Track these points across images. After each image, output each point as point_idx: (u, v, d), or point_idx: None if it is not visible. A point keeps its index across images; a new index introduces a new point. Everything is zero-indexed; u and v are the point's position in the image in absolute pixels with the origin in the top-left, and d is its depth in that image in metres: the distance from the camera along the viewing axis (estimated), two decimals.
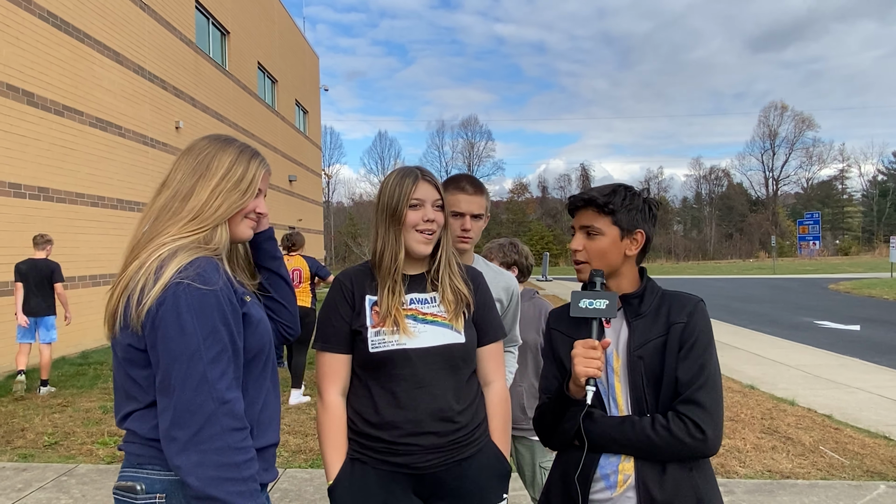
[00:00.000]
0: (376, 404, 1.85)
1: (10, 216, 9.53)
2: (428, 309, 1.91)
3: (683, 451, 1.60)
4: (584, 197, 1.75)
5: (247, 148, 1.71)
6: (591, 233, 1.73)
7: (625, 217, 1.72)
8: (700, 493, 1.64)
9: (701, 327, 1.67)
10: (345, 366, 1.91)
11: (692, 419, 1.59)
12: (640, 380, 1.67)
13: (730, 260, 67.89)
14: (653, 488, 1.62)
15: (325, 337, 1.92)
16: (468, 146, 78.32)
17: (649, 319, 1.70)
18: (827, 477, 4.64)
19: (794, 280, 32.40)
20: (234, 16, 19.84)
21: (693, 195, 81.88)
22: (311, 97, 31.53)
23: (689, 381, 1.62)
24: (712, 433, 1.59)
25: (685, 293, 1.75)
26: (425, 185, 1.90)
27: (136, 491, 1.49)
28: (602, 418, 1.69)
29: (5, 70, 9.45)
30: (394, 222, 1.89)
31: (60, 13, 10.80)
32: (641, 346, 1.68)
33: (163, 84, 14.66)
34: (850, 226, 75.94)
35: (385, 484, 1.84)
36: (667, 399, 1.65)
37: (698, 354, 1.64)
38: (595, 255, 1.73)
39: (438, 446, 1.83)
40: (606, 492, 1.68)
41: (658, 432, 1.60)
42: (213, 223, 1.58)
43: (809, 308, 18.03)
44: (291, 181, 26.08)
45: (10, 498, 4.32)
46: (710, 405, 1.60)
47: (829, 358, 9.81)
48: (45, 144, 10.35)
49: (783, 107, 75.98)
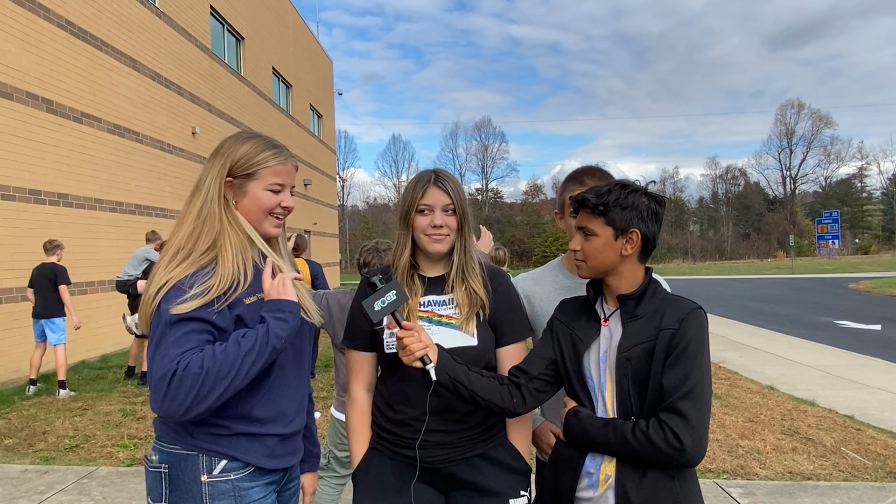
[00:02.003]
0: (390, 400, 1.92)
1: (31, 222, 9.67)
2: (443, 311, 1.93)
3: (660, 459, 1.59)
4: (577, 198, 1.74)
5: (265, 140, 1.74)
6: (586, 234, 1.73)
7: (618, 217, 1.68)
8: (679, 501, 1.63)
9: (691, 335, 1.63)
10: (369, 363, 1.99)
11: (671, 428, 1.57)
12: (625, 381, 1.67)
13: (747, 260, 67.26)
14: (630, 490, 1.62)
15: (352, 336, 2.01)
16: (482, 148, 78.37)
17: (643, 322, 1.69)
18: (849, 478, 4.58)
19: (813, 280, 32.02)
20: (248, 22, 20.00)
21: (709, 195, 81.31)
22: (325, 101, 31.70)
23: (672, 388, 1.60)
24: (690, 444, 1.56)
25: (685, 299, 1.72)
26: (435, 190, 1.91)
27: (152, 460, 1.68)
28: (588, 418, 1.70)
29: (25, 78, 9.60)
30: (405, 225, 1.94)
31: (78, 21, 10.95)
32: (630, 349, 1.67)
33: (179, 90, 14.80)
34: (870, 224, 74.95)
35: (400, 473, 1.90)
36: (652, 404, 1.64)
37: (685, 363, 1.61)
38: (590, 255, 1.73)
39: (447, 443, 1.87)
40: (589, 490, 1.71)
41: (637, 437, 1.60)
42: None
43: (829, 308, 17.81)
44: (306, 185, 26.22)
45: (33, 500, 4.37)
46: (692, 415, 1.57)
47: (849, 358, 9.68)
48: (65, 151, 10.49)
49: (800, 105, 75.32)
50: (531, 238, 69.36)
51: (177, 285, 1.56)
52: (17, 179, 9.41)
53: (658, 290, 1.75)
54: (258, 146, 1.71)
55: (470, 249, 1.98)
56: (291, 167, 1.76)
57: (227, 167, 1.70)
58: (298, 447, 1.84)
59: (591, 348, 1.76)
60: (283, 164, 1.73)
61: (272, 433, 1.69)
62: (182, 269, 1.59)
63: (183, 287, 1.56)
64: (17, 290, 9.29)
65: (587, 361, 1.76)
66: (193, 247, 1.64)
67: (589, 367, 1.76)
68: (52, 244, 8.04)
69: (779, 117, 77.44)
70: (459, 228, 1.94)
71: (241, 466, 1.64)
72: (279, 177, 1.72)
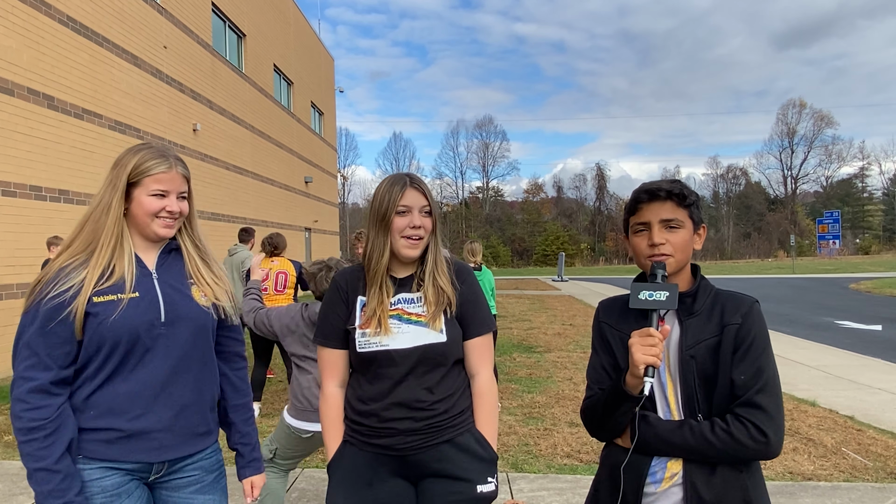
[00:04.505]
0: (362, 395, 2.00)
1: (32, 218, 9.67)
2: (413, 309, 2.01)
3: (744, 455, 1.58)
4: (665, 189, 1.69)
5: (152, 150, 1.89)
6: (672, 226, 1.68)
7: (695, 211, 1.71)
8: (748, 494, 1.61)
9: (756, 329, 1.63)
10: (342, 360, 2.06)
11: (753, 422, 1.57)
12: (692, 379, 1.64)
13: (748, 259, 67.20)
14: (701, 487, 1.60)
15: (324, 333, 2.06)
16: (483, 146, 78.33)
17: (702, 319, 1.67)
18: (849, 479, 4.57)
19: (813, 279, 32.00)
20: (250, 19, 19.99)
21: (710, 194, 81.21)
22: (326, 99, 31.68)
23: (746, 383, 1.59)
24: (774, 436, 1.57)
25: (740, 293, 1.72)
26: (413, 192, 1.99)
27: None
28: (658, 422, 1.66)
29: (26, 74, 9.59)
30: (383, 227, 1.99)
31: (79, 17, 10.94)
32: (694, 346, 1.65)
33: (180, 87, 14.80)
34: (871, 224, 74.86)
35: (371, 464, 1.98)
36: (720, 401, 1.62)
37: (755, 356, 1.61)
38: (679, 248, 1.68)
39: (415, 429, 1.95)
40: (651, 486, 1.67)
41: (718, 436, 1.58)
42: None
43: (830, 308, 17.79)
44: (307, 182, 26.22)
45: (32, 497, 4.37)
46: (771, 408, 1.58)
47: (850, 358, 9.67)
48: (66, 147, 10.49)
49: (801, 104, 75.23)
50: (532, 237, 69.35)
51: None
52: (17, 176, 9.41)
53: (709, 285, 1.75)
54: (144, 157, 1.86)
55: (439, 249, 2.07)
56: (176, 174, 1.89)
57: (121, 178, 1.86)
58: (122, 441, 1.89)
59: None
60: (165, 172, 1.86)
61: (105, 427, 1.81)
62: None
63: None
64: (17, 287, 9.29)
65: None
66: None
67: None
68: (57, 240, 8.03)
69: (780, 117, 77.55)
70: (433, 230, 2.03)
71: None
72: (161, 184, 1.85)
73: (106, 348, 1.77)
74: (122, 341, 1.78)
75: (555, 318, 15.20)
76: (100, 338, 1.76)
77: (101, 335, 1.76)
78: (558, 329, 12.91)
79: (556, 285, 29.65)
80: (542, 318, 15.16)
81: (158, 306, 1.85)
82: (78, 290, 1.75)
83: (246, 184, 19.00)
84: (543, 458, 5.04)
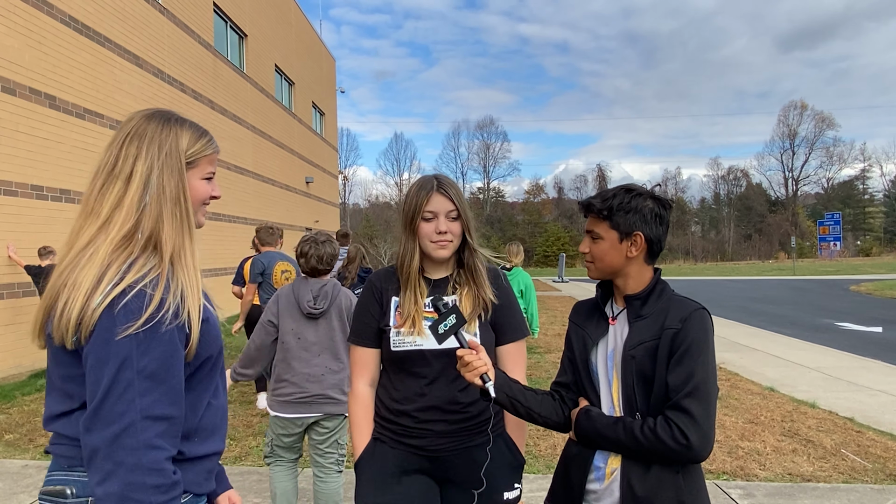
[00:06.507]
0: (395, 394, 2.01)
1: (33, 218, 9.68)
2: None
3: (668, 455, 1.64)
4: (584, 203, 1.83)
5: (194, 124, 1.55)
6: (593, 237, 1.80)
7: (622, 220, 1.75)
8: (682, 495, 1.67)
9: (694, 335, 1.67)
10: (373, 359, 2.07)
11: (678, 425, 1.62)
12: (630, 378, 1.72)
13: (749, 261, 67.17)
14: (635, 483, 1.68)
15: (357, 332, 2.08)
16: (484, 147, 78.36)
17: (649, 322, 1.74)
18: (849, 480, 4.57)
19: (814, 281, 31.98)
20: (251, 19, 20.00)
21: (711, 196, 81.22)
22: (327, 99, 31.70)
23: (677, 387, 1.65)
24: (697, 441, 1.61)
25: (688, 300, 1.77)
26: (439, 197, 1.98)
27: (66, 495, 1.33)
28: (598, 417, 1.76)
29: (28, 74, 9.61)
30: (411, 232, 2.01)
31: (81, 17, 10.96)
32: (635, 347, 1.72)
33: (181, 87, 14.81)
34: (872, 226, 74.84)
35: (401, 462, 1.99)
36: (658, 402, 1.69)
37: (689, 362, 1.65)
38: (597, 258, 1.80)
39: (448, 432, 1.97)
40: (596, 483, 1.78)
41: (646, 434, 1.65)
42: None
43: (830, 309, 17.79)
44: (308, 182, 26.23)
45: (33, 495, 4.38)
46: (697, 413, 1.62)
47: (850, 360, 9.68)
48: (67, 147, 10.50)
49: (803, 106, 75.21)
50: (532, 238, 69.31)
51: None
52: (19, 175, 9.42)
53: (665, 290, 1.79)
54: (195, 132, 1.50)
55: (475, 252, 2.05)
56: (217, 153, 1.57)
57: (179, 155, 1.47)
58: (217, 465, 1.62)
59: (599, 346, 1.82)
60: (216, 151, 1.54)
61: (211, 452, 1.48)
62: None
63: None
64: (18, 286, 9.30)
65: (594, 359, 1.82)
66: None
67: (596, 365, 1.82)
68: (46, 250, 8.40)
69: (782, 118, 77.37)
70: (463, 233, 2.01)
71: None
72: (213, 165, 1.54)
73: (214, 355, 1.46)
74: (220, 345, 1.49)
75: (555, 318, 15.21)
76: (208, 345, 1.42)
77: (209, 341, 1.43)
78: (558, 329, 12.91)
79: (556, 286, 29.66)
80: (542, 318, 15.15)
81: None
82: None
83: (247, 184, 19.02)
84: (543, 458, 5.05)
